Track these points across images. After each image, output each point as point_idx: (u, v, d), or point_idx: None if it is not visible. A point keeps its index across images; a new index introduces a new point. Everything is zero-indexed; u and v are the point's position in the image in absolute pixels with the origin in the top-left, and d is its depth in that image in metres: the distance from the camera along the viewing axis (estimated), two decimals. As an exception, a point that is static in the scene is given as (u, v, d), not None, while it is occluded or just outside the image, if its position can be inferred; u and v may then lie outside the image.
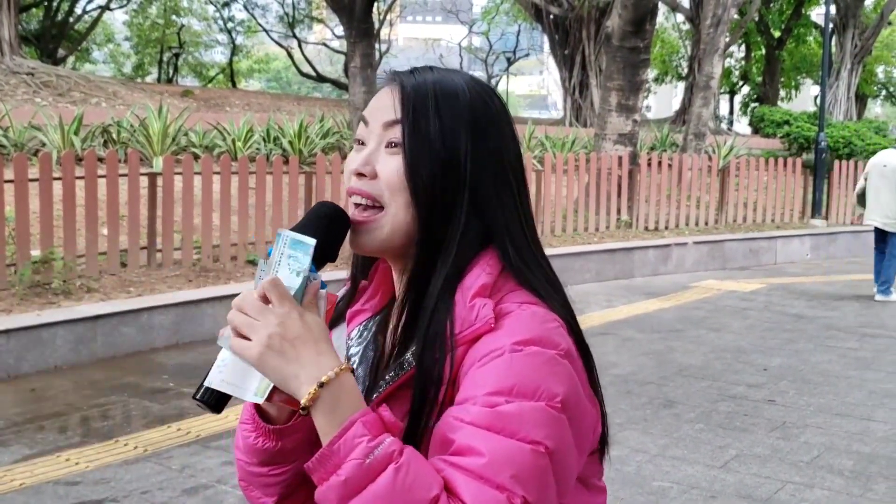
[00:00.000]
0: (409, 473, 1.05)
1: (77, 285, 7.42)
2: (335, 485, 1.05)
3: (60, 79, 16.57)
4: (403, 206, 1.21)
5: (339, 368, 1.10)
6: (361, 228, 1.23)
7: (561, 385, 1.13)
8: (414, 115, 1.21)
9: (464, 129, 1.22)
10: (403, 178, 1.20)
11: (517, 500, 1.06)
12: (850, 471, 4.88)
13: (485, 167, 1.23)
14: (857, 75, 28.41)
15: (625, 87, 13.22)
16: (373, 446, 1.05)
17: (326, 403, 1.08)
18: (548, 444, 1.10)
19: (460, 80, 1.26)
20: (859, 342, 8.02)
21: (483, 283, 1.19)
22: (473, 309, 1.17)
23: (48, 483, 4.43)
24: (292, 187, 9.24)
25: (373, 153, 1.23)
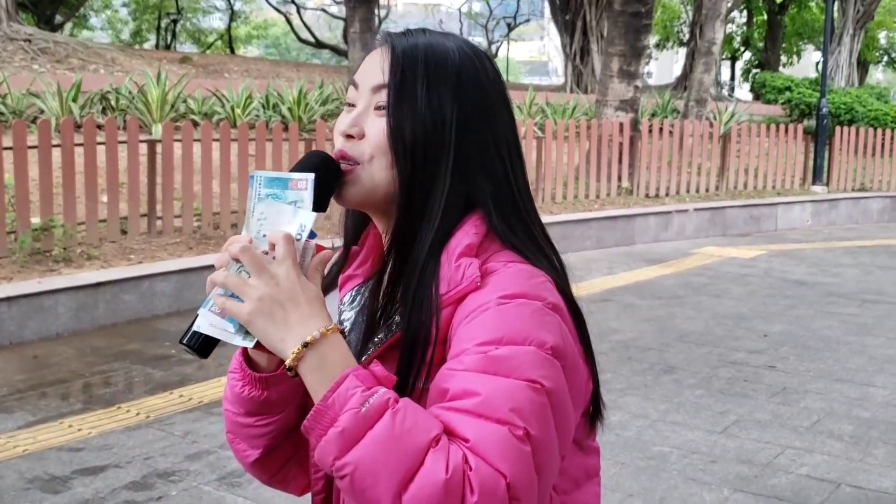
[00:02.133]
0: (407, 418, 1.04)
1: (77, 253, 7.42)
2: (333, 436, 1.04)
3: (58, 45, 16.47)
4: (384, 166, 1.21)
5: (325, 328, 1.10)
6: (347, 178, 1.24)
7: (550, 334, 1.13)
8: (401, 79, 1.21)
9: (451, 93, 1.22)
10: (386, 140, 1.21)
11: (519, 431, 1.06)
12: (850, 436, 4.91)
13: (471, 132, 1.22)
14: (859, 41, 28.24)
15: (626, 53, 13.14)
16: (367, 395, 1.05)
17: (313, 362, 1.09)
18: (544, 382, 1.09)
19: (452, 44, 1.26)
20: (859, 308, 8.04)
21: (469, 243, 1.20)
22: (459, 269, 1.18)
23: (51, 449, 4.45)
24: (292, 154, 9.21)
25: (361, 115, 1.24)
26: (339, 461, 1.04)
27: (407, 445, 1.03)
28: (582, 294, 1.30)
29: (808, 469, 4.44)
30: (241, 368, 1.28)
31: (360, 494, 1.04)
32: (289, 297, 1.11)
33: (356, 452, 1.03)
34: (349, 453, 1.03)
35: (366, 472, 1.02)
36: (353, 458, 1.03)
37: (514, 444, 1.05)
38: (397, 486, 1.01)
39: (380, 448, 1.02)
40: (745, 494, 4.14)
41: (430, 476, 1.01)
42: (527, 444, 1.06)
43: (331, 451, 1.04)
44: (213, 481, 4.17)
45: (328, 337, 1.10)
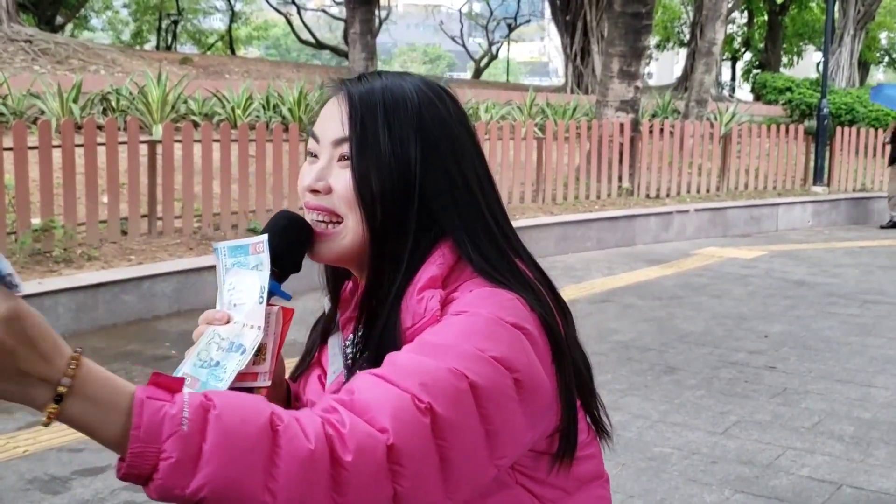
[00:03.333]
0: (232, 413, 0.95)
1: (78, 253, 7.42)
2: (168, 470, 0.92)
3: (59, 46, 16.47)
4: (358, 219, 1.21)
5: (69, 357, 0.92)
6: (321, 239, 1.24)
7: (498, 344, 1.09)
8: (362, 130, 1.20)
9: (413, 136, 1.21)
10: (354, 194, 1.20)
11: (422, 404, 1.01)
12: (851, 436, 4.90)
13: (437, 173, 1.21)
14: (859, 41, 28.24)
15: (627, 54, 13.14)
16: (178, 411, 0.93)
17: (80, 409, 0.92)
18: (469, 375, 1.05)
19: (409, 84, 1.25)
20: (860, 309, 8.03)
21: (431, 276, 1.19)
22: (422, 302, 1.17)
23: (51, 450, 4.45)
24: (292, 155, 9.21)
25: (324, 168, 1.23)
26: (189, 489, 0.92)
27: (250, 438, 0.94)
28: (582, 295, 1.32)
29: (809, 470, 4.44)
30: None
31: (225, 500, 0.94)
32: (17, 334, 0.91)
33: (203, 472, 0.92)
34: (196, 477, 0.92)
35: (223, 483, 0.93)
36: (203, 478, 0.92)
37: (412, 411, 1.01)
38: (262, 478, 0.94)
39: (224, 455, 0.93)
40: (745, 495, 4.14)
41: (292, 454, 0.95)
42: (427, 417, 1.01)
43: (175, 483, 0.92)
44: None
45: (80, 371, 0.92)
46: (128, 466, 0.92)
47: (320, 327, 1.40)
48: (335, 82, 1.28)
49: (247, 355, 1.15)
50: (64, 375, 0.91)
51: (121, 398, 0.93)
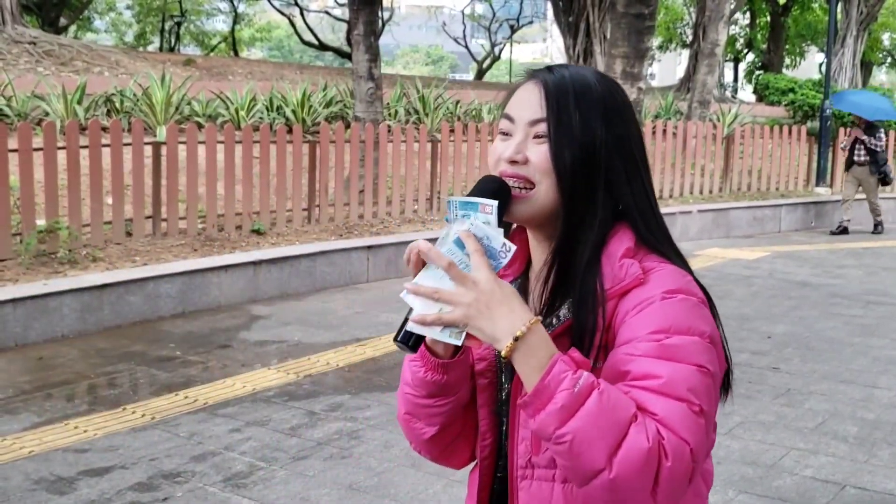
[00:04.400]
0: (611, 397, 1.24)
1: (82, 254, 7.44)
2: (553, 411, 1.24)
3: (63, 48, 16.49)
4: (551, 187, 1.42)
5: (529, 322, 1.28)
6: (518, 200, 1.43)
7: (706, 325, 1.36)
8: (558, 112, 1.42)
9: (598, 119, 1.43)
10: (550, 164, 1.41)
11: (695, 407, 1.28)
12: (855, 437, 4.91)
13: (616, 152, 1.43)
14: (862, 42, 28.18)
15: (629, 55, 13.12)
16: (577, 377, 1.25)
17: (523, 351, 1.28)
18: (709, 367, 1.32)
19: (591, 75, 1.47)
20: (863, 309, 8.03)
21: (628, 247, 1.41)
22: (623, 268, 1.39)
23: (57, 451, 4.47)
24: (296, 156, 9.23)
25: (521, 143, 1.44)
26: (559, 430, 1.23)
27: (613, 419, 1.23)
28: None
29: (812, 471, 4.45)
30: (423, 357, 1.47)
31: (577, 458, 1.23)
32: (492, 298, 1.29)
33: (573, 423, 1.23)
34: (567, 424, 1.23)
35: (582, 439, 1.22)
36: (571, 428, 1.23)
37: (693, 417, 1.27)
38: (609, 450, 1.22)
39: (593, 420, 1.22)
40: (749, 496, 4.15)
41: (635, 444, 1.22)
42: (702, 418, 1.28)
43: (551, 422, 1.24)
44: (219, 482, 4.17)
45: (532, 329, 1.28)
46: (528, 395, 1.27)
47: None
48: (526, 72, 1.51)
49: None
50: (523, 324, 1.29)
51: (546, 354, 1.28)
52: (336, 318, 7.17)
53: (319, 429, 4.86)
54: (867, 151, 12.57)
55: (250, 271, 7.77)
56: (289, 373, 5.79)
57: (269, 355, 6.19)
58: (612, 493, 1.24)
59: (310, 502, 4.02)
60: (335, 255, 8.43)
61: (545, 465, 1.42)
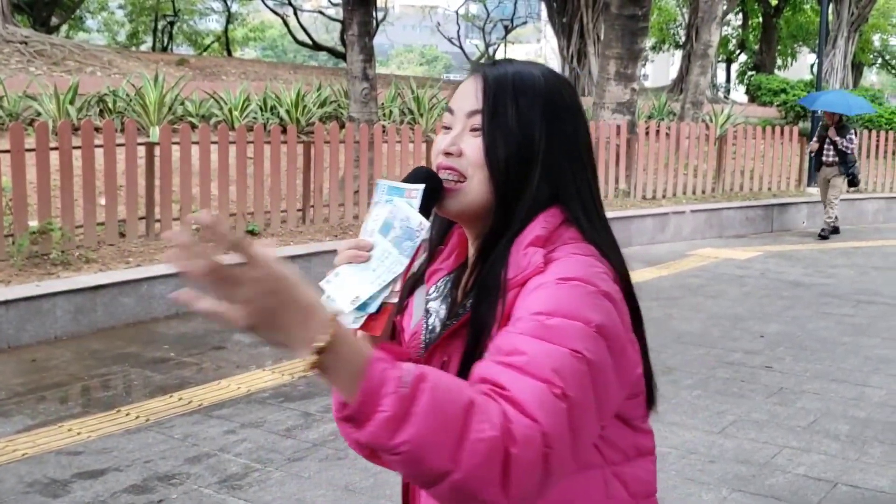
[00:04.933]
0: (441, 387, 1.13)
1: (75, 256, 7.43)
2: (382, 421, 1.10)
3: (55, 48, 16.46)
4: (484, 181, 1.39)
5: (328, 328, 1.10)
6: (449, 194, 1.41)
7: (598, 315, 1.26)
8: (494, 104, 1.40)
9: (538, 115, 1.40)
10: (483, 157, 1.39)
11: (557, 390, 1.18)
12: (847, 435, 4.93)
13: (557, 146, 1.40)
14: (853, 43, 28.27)
15: (623, 56, 13.16)
16: (400, 377, 1.12)
17: (330, 363, 1.11)
18: (586, 354, 1.22)
19: (538, 71, 1.44)
20: (855, 309, 8.07)
21: (536, 235, 1.36)
22: (526, 256, 1.34)
23: (51, 453, 4.46)
24: (290, 157, 9.23)
25: (458, 136, 1.43)
26: (392, 442, 1.11)
27: (450, 413, 1.12)
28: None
29: (805, 469, 4.47)
30: None
31: (419, 464, 1.12)
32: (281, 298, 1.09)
33: (407, 430, 1.10)
34: (400, 433, 1.10)
35: (420, 444, 1.11)
36: (406, 435, 1.10)
37: (552, 399, 1.17)
38: (451, 449, 1.11)
39: (428, 421, 1.11)
40: (743, 494, 4.17)
41: (478, 435, 1.11)
42: (563, 402, 1.18)
43: (382, 434, 1.11)
44: (214, 484, 4.18)
45: (335, 334, 1.11)
46: (352, 410, 1.12)
47: (409, 282, 1.54)
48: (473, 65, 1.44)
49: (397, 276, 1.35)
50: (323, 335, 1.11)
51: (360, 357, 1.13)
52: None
53: (315, 430, 4.86)
54: (836, 152, 12.27)
55: (244, 272, 7.76)
56: (283, 374, 5.80)
57: (263, 356, 6.19)
58: (461, 492, 1.14)
59: (305, 503, 4.02)
60: (330, 255, 8.40)
61: None
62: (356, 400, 1.11)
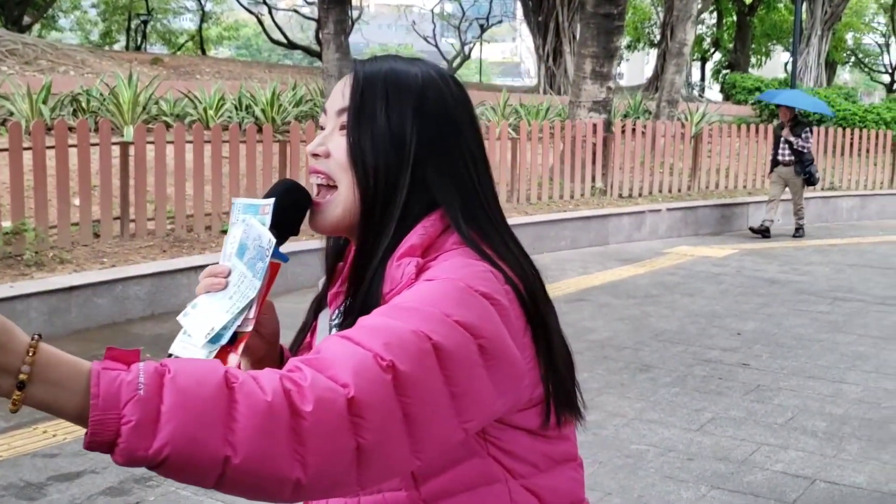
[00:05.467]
0: (185, 374, 0.99)
1: (49, 256, 7.36)
2: (130, 432, 0.95)
3: (27, 47, 16.31)
4: (351, 185, 1.28)
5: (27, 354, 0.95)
6: (318, 208, 1.32)
7: (464, 311, 1.13)
8: (361, 101, 1.29)
9: (412, 112, 1.29)
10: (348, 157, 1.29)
11: (384, 362, 1.05)
12: (824, 432, 4.96)
13: (433, 148, 1.28)
14: (826, 42, 28.51)
15: (599, 54, 13.20)
16: (134, 378, 0.97)
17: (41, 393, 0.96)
18: (432, 336, 1.09)
19: (416, 68, 1.33)
20: (831, 306, 8.12)
21: (411, 244, 1.24)
22: (399, 268, 1.23)
23: (26, 456, 4.41)
24: (266, 156, 9.19)
25: (327, 136, 1.33)
26: (151, 450, 0.96)
27: (205, 397, 0.98)
28: (557, 294, 1.37)
29: (783, 465, 4.49)
30: None
31: (191, 466, 0.97)
32: None
33: (163, 430, 0.96)
34: (157, 437, 0.96)
35: (183, 441, 0.96)
36: (164, 437, 0.96)
37: (373, 368, 1.04)
38: (222, 433, 0.97)
39: (182, 413, 0.96)
40: (721, 491, 4.18)
41: (250, 407, 0.98)
42: (388, 374, 1.04)
43: (137, 445, 0.96)
44: (191, 486, 4.14)
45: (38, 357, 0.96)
46: (91, 434, 0.96)
47: (314, 304, 1.46)
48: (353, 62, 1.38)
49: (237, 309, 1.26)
50: (23, 363, 0.95)
51: (79, 375, 0.98)
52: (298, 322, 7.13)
53: (292, 430, 4.83)
54: (792, 151, 12.01)
55: (220, 272, 7.72)
56: (260, 374, 5.75)
57: (240, 356, 6.14)
58: (252, 477, 0.99)
59: None
60: (307, 255, 8.37)
61: None
62: (92, 420, 0.95)
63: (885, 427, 5.06)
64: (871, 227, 13.96)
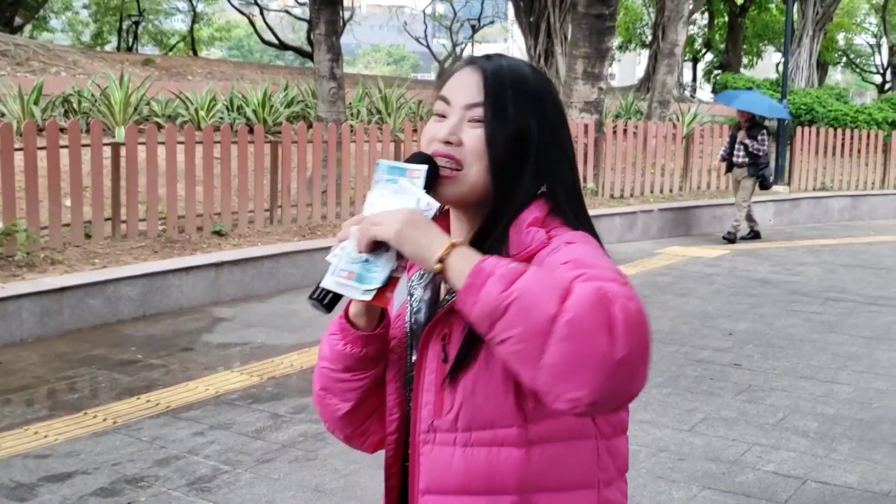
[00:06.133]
0: (545, 270, 1.28)
1: (41, 257, 7.34)
2: (495, 280, 1.24)
3: (18, 48, 16.27)
4: (483, 170, 1.46)
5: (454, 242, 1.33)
6: (447, 181, 1.46)
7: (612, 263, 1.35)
8: (494, 97, 1.46)
9: (532, 109, 1.48)
10: (485, 147, 1.45)
11: (621, 279, 1.27)
12: (815, 432, 4.97)
13: (547, 140, 1.49)
14: (818, 42, 28.57)
15: (591, 55, 13.22)
16: (508, 262, 1.27)
17: (458, 255, 1.30)
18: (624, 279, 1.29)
19: (527, 67, 1.52)
20: (822, 306, 8.14)
21: (536, 217, 1.45)
22: (529, 234, 1.43)
23: (17, 456, 4.40)
24: (258, 157, 9.17)
25: (456, 125, 1.47)
26: (504, 293, 1.22)
27: (554, 280, 1.23)
28: None
29: (774, 466, 4.50)
30: (342, 329, 1.53)
31: (527, 312, 1.20)
32: (421, 219, 1.35)
33: (518, 284, 1.22)
34: (512, 286, 1.22)
35: (530, 293, 1.21)
36: (517, 287, 1.22)
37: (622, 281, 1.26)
38: (558, 297, 1.20)
39: (534, 282, 1.22)
40: (713, 492, 4.19)
41: (582, 291, 1.20)
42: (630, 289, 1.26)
43: (494, 289, 1.23)
44: (183, 486, 4.14)
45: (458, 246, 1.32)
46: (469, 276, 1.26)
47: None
48: (465, 59, 1.56)
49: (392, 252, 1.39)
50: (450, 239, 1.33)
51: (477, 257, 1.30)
52: (300, 320, 7.13)
53: (284, 431, 4.83)
54: (746, 153, 11.57)
55: (212, 273, 7.71)
56: (252, 375, 5.75)
57: (231, 358, 6.14)
58: (571, 341, 1.19)
59: None
60: (298, 256, 8.39)
61: (447, 429, 1.42)
62: (472, 271, 1.26)
63: (877, 427, 5.08)
64: (863, 227, 14.00)
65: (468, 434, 1.41)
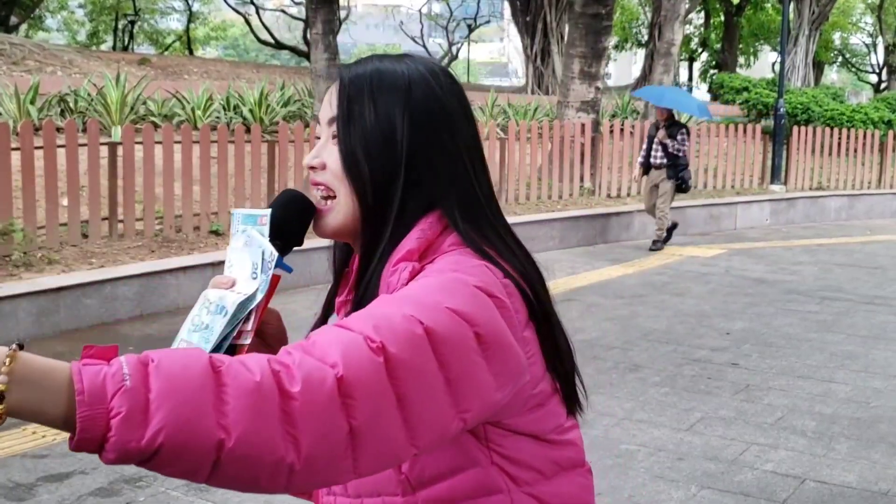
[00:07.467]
0: (169, 360, 0.96)
1: (38, 257, 7.33)
2: (120, 423, 0.92)
3: (14, 47, 16.25)
4: (349, 194, 1.26)
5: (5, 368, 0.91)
6: (325, 214, 1.29)
7: (460, 301, 1.10)
8: (348, 108, 1.26)
9: (399, 109, 1.25)
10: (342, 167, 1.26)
11: (374, 344, 1.02)
12: (813, 431, 4.98)
13: (427, 143, 1.25)
14: (814, 42, 28.63)
15: (587, 55, 13.22)
16: (118, 370, 0.94)
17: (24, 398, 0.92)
18: (424, 321, 1.06)
19: (403, 65, 1.29)
20: (819, 305, 8.15)
21: (408, 249, 1.22)
22: (395, 273, 1.21)
23: (15, 457, 4.39)
24: (254, 156, 9.17)
25: (321, 147, 1.30)
26: (144, 440, 0.92)
27: (193, 380, 0.95)
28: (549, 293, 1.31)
29: (773, 465, 4.50)
30: None
31: (184, 454, 0.94)
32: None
33: (155, 418, 0.93)
34: (149, 425, 0.92)
35: (176, 427, 0.93)
36: (156, 424, 0.93)
37: (363, 348, 1.02)
38: (214, 416, 0.94)
39: (172, 399, 0.93)
40: (712, 491, 4.19)
41: (239, 388, 0.96)
42: (380, 356, 1.02)
43: (129, 436, 0.92)
44: (181, 486, 4.13)
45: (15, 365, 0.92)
46: (80, 432, 0.92)
47: (322, 309, 1.42)
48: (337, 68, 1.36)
49: (228, 317, 1.21)
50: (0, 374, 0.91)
51: (60, 376, 0.94)
52: (297, 320, 7.08)
53: (282, 431, 4.82)
54: (665, 154, 10.75)
55: (209, 273, 7.70)
56: (250, 375, 5.74)
57: (229, 357, 6.13)
58: (243, 460, 0.95)
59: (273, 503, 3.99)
60: (295, 255, 8.35)
61: (341, 493, 1.28)
62: (80, 416, 0.91)
63: (874, 426, 5.09)
64: (859, 226, 14.02)
65: (360, 501, 1.26)
